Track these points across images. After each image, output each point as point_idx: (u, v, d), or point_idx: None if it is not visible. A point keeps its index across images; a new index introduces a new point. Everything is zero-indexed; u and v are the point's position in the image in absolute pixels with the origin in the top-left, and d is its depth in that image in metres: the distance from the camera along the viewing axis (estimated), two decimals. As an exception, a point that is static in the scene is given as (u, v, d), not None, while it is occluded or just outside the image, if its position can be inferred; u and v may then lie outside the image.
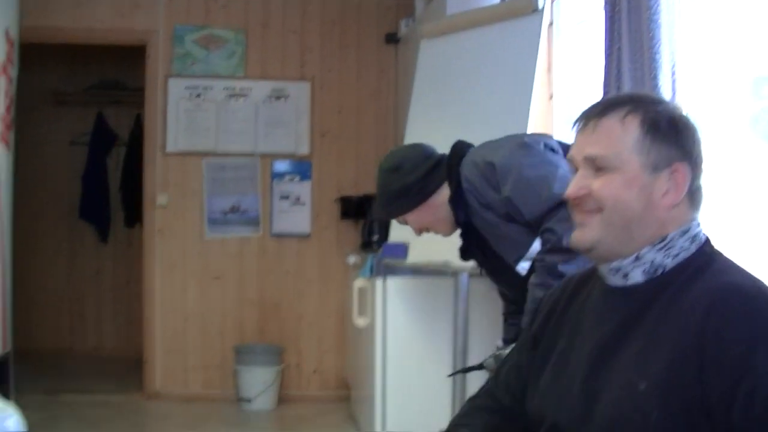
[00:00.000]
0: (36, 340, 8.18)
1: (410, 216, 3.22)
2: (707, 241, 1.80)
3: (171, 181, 6.97)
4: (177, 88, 6.95)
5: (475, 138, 4.69)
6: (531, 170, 2.91)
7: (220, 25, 7.02)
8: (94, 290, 8.71)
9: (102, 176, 8.54)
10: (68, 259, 8.66)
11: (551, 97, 4.90)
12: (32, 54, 6.46)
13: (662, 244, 1.75)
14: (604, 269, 1.84)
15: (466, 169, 3.07)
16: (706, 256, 1.76)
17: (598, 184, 1.78)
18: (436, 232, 3.28)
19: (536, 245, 2.96)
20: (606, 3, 3.56)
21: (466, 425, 2.11)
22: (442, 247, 4.70)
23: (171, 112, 6.94)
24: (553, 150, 3.05)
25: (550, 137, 3.24)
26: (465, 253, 3.35)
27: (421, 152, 3.28)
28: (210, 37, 6.99)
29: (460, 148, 3.23)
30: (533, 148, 3.02)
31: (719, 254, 1.79)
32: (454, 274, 4.84)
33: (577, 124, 1.86)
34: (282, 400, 6.77)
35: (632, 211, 1.75)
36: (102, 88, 8.53)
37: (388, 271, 5.25)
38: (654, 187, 1.75)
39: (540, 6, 4.42)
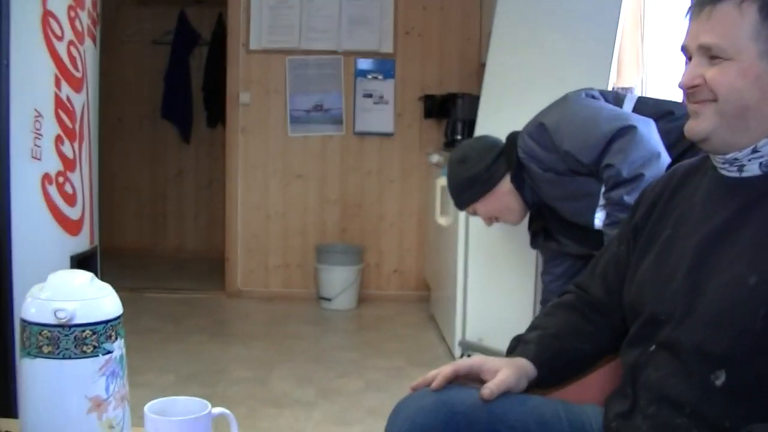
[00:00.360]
0: (119, 239, 8.31)
1: (479, 205, 3.40)
2: None
3: (254, 80, 6.93)
4: (260, -16, 6.86)
5: (564, 38, 4.61)
6: (577, 118, 3.02)
7: None
8: (176, 190, 8.76)
9: (184, 76, 8.52)
10: (150, 159, 8.70)
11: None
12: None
13: None
14: (718, 160, 1.77)
15: (521, 144, 3.19)
16: None
17: (712, 74, 1.68)
18: (506, 220, 3.46)
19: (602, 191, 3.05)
20: None
21: (541, 327, 2.06)
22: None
23: (254, 10, 6.86)
24: (593, 98, 3.17)
25: (591, 89, 3.32)
26: (535, 240, 3.57)
27: (486, 143, 3.44)
28: (295, -68, 6.87)
29: (513, 135, 3.36)
30: (574, 99, 3.13)
31: None
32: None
33: (690, 11, 1.76)
34: (362, 299, 6.78)
35: (748, 101, 1.65)
36: (185, -14, 8.46)
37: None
38: None
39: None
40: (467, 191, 3.40)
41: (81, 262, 4.57)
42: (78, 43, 4.95)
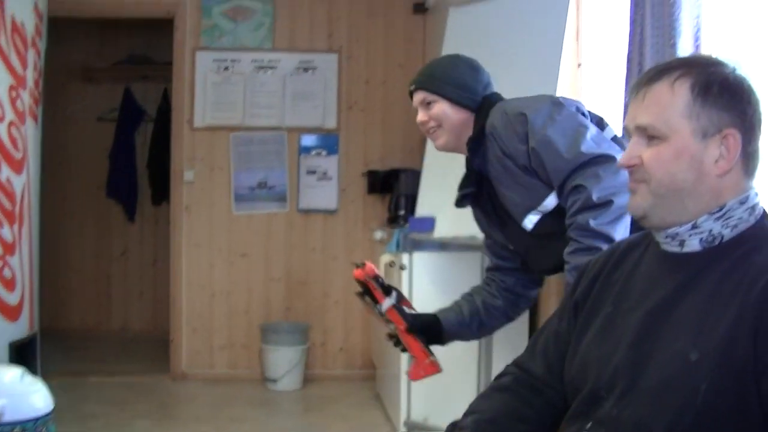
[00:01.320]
0: (63, 320, 8.19)
1: (441, 104, 3.09)
2: (765, 213, 1.74)
3: (198, 157, 6.88)
4: (205, 61, 6.86)
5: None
6: (561, 127, 2.87)
7: (248, -5, 6.91)
8: (121, 269, 8.65)
9: (129, 153, 8.46)
10: (95, 238, 8.59)
11: (579, 65, 4.79)
12: (60, 29, 6.40)
13: (720, 213, 1.69)
14: (659, 236, 1.80)
15: (494, 117, 3.00)
16: (766, 230, 1.71)
17: (648, 155, 1.73)
18: (436, 137, 3.17)
19: (550, 200, 2.90)
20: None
21: (477, 412, 2.08)
22: (469, 220, 4.59)
23: (199, 86, 6.84)
24: (584, 114, 3.02)
25: (581, 104, 3.15)
26: (462, 201, 3.28)
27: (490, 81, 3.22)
28: (238, 8, 6.88)
29: (491, 100, 3.14)
30: (566, 108, 2.96)
31: None
32: (481, 248, 4.70)
33: (629, 93, 1.87)
34: (308, 379, 6.67)
35: (681, 183, 1.70)
36: (130, 62, 8.45)
37: (414, 245, 5.18)
38: (705, 154, 1.68)
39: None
40: (448, 85, 3.10)
41: (20, 348, 4.45)
42: (19, 123, 4.90)
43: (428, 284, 5.15)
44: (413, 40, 6.99)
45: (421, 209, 5.09)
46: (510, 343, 4.55)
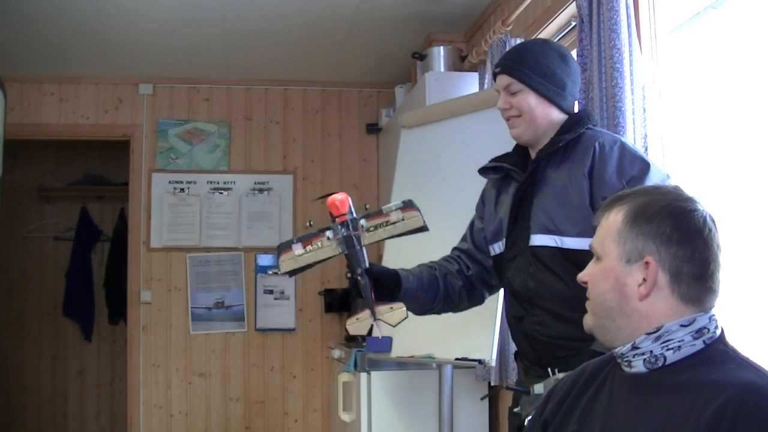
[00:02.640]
0: (18, 441, 8.04)
1: (526, 94, 2.92)
2: (721, 337, 1.77)
3: (155, 277, 6.91)
4: (161, 182, 6.95)
5: (458, 226, 4.67)
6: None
7: (203, 118, 7.05)
8: (78, 389, 8.54)
9: (86, 272, 8.44)
10: (51, 357, 8.50)
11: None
12: (17, 150, 6.45)
13: (657, 335, 1.74)
14: (615, 356, 1.86)
15: (606, 139, 2.81)
16: (719, 353, 1.74)
17: (588, 272, 1.88)
18: (514, 126, 2.97)
19: (574, 242, 2.76)
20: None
21: None
22: (425, 340, 4.64)
23: (155, 207, 6.92)
24: None
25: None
26: (493, 171, 3.13)
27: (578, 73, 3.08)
28: (193, 130, 7.00)
29: (590, 114, 3.02)
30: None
31: (735, 351, 1.77)
32: (438, 366, 4.75)
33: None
34: (268, 500, 6.62)
35: (610, 302, 1.80)
36: (87, 183, 8.48)
37: (372, 365, 5.19)
38: (628, 277, 1.78)
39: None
40: (535, 73, 2.91)
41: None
42: (-28, 248, 4.91)
43: (387, 403, 5.17)
44: (367, 160, 7.14)
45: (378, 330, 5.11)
46: None
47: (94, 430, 8.51)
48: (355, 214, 2.64)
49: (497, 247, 3.08)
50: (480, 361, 4.29)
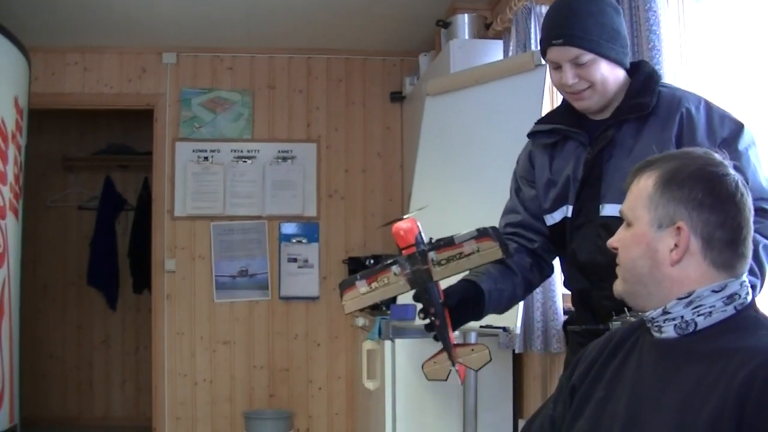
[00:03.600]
0: (44, 409, 8.11)
1: (599, 63, 2.69)
2: (752, 303, 1.78)
3: (179, 246, 6.93)
4: (184, 151, 6.95)
5: (482, 194, 4.67)
6: (760, 158, 2.63)
7: (227, 87, 7.04)
8: (103, 358, 8.62)
9: (110, 242, 8.49)
10: (76, 326, 8.58)
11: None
12: (41, 120, 6.47)
13: (688, 300, 1.74)
14: (645, 321, 1.86)
15: (689, 101, 2.65)
16: (750, 320, 1.74)
17: (619, 239, 1.88)
18: (585, 98, 2.75)
19: None
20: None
21: None
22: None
23: (179, 176, 6.93)
24: None
25: None
26: (546, 135, 2.91)
27: None
28: (217, 99, 7.00)
29: (651, 67, 2.85)
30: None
31: (766, 318, 1.76)
32: (463, 334, 4.75)
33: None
34: (293, 466, 6.65)
35: (641, 268, 1.80)
36: (110, 152, 8.52)
37: (396, 332, 5.19)
38: (660, 243, 1.78)
39: (542, 62, 4.35)
40: (600, 37, 2.68)
41: (0, 441, 4.44)
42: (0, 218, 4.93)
43: (411, 370, 5.17)
44: (391, 129, 7.12)
45: (402, 297, 5.11)
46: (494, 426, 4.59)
47: (119, 398, 8.58)
48: (424, 244, 2.26)
49: (558, 215, 2.85)
50: (504, 329, 4.29)
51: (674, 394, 1.69)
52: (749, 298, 1.77)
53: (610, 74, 2.70)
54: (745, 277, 1.78)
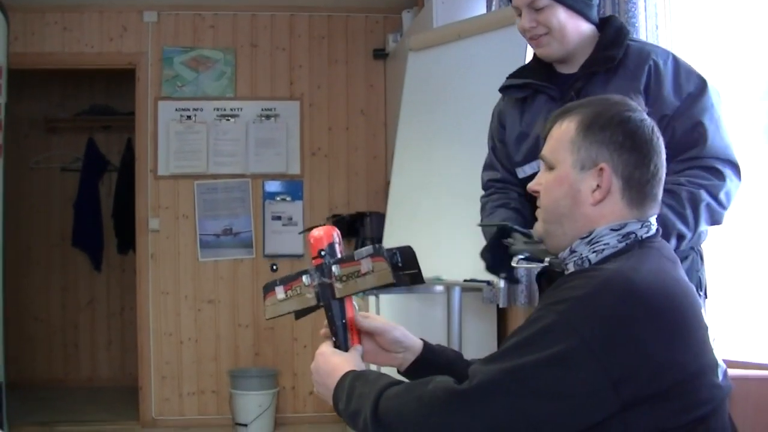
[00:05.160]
0: (29, 371, 8.12)
1: (555, 9, 2.74)
2: (644, 240, 1.84)
3: (163, 205, 6.92)
4: (167, 110, 6.93)
5: (465, 149, 4.66)
6: (722, 118, 2.66)
7: (209, 46, 7.00)
8: (88, 319, 8.62)
9: (94, 203, 8.47)
10: (61, 287, 8.57)
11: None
12: (22, 81, 6.43)
13: (589, 238, 1.83)
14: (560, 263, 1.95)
15: (657, 54, 2.72)
16: (627, 252, 1.81)
17: (542, 182, 1.93)
18: (542, 44, 2.80)
19: None
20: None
21: None
22: (433, 261, 4.65)
23: (162, 135, 6.90)
24: None
25: None
26: (518, 88, 2.96)
27: None
28: (199, 58, 6.96)
29: (619, 21, 2.86)
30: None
31: (642, 251, 1.81)
32: (447, 288, 4.77)
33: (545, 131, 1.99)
34: (278, 423, 6.69)
35: (562, 208, 1.87)
36: (92, 113, 8.47)
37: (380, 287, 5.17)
38: (582, 184, 1.84)
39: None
40: None
41: (-17, 401, 4.44)
42: (-21, 176, 4.92)
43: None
44: (374, 86, 7.10)
45: (387, 252, 5.09)
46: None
47: (105, 358, 8.59)
48: (331, 257, 2.11)
49: (529, 169, 2.87)
50: (488, 283, 4.30)
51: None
52: (644, 234, 1.84)
53: (569, 22, 2.74)
54: (652, 220, 1.86)
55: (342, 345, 2.18)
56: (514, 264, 2.55)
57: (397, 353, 2.16)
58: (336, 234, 2.13)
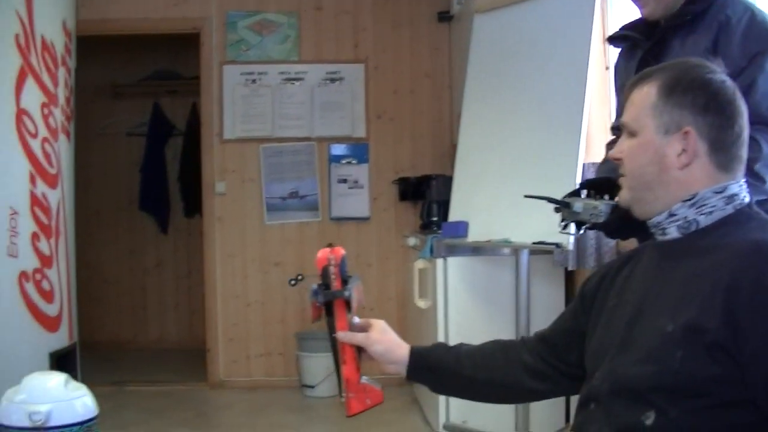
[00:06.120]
0: (99, 333, 8.26)
1: None
2: (749, 203, 1.86)
3: (229, 169, 6.98)
4: (232, 74, 6.96)
5: (535, 112, 4.65)
6: None
7: (273, 10, 7.01)
8: (156, 282, 8.75)
9: (160, 167, 8.58)
10: (129, 250, 8.71)
11: (607, 68, 4.79)
12: (88, 47, 6.48)
13: (692, 201, 1.82)
14: (650, 226, 1.93)
15: (739, 6, 2.65)
16: (744, 215, 1.83)
17: (624, 149, 1.91)
18: (647, 4, 2.78)
19: None
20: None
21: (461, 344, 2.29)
22: (502, 224, 4.65)
23: (227, 99, 6.94)
24: None
25: None
26: (622, 40, 3.00)
27: None
28: (263, 22, 6.98)
29: None
30: None
31: (759, 213, 1.87)
32: (515, 251, 4.77)
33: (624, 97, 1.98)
34: (345, 385, 6.69)
35: (649, 174, 1.86)
36: (157, 78, 8.57)
37: (448, 251, 5.20)
38: (667, 148, 1.83)
39: (595, -24, 4.32)
40: None
41: (60, 359, 4.54)
42: (52, 139, 4.98)
43: (463, 289, 5.21)
44: (439, 49, 7.07)
45: (454, 214, 5.12)
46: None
47: (173, 321, 8.72)
48: (326, 279, 2.27)
49: None
50: (557, 245, 4.29)
51: (672, 286, 1.79)
52: (747, 199, 1.85)
53: None
54: (742, 180, 1.86)
55: (334, 358, 2.27)
56: (560, 229, 2.66)
57: (388, 365, 2.30)
58: (332, 258, 2.26)
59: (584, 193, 2.62)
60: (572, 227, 2.66)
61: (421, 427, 5.68)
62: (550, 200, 2.66)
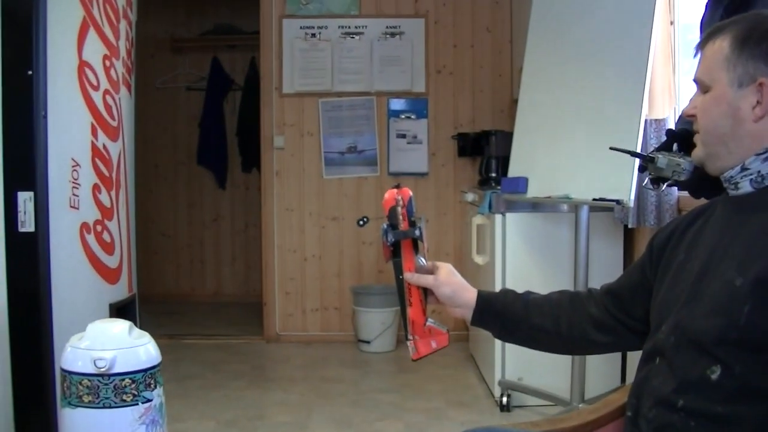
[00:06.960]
0: (157, 286, 8.36)
1: None
2: None
3: (287, 123, 6.97)
4: (291, 28, 6.94)
5: (597, 67, 4.59)
6: None
7: (333, -37, 6.97)
8: (213, 236, 8.81)
9: (219, 122, 8.60)
10: (187, 205, 8.77)
11: (672, 23, 4.71)
12: (148, 2, 6.50)
13: (766, 155, 1.77)
14: (721, 181, 1.89)
15: None
16: None
17: (697, 103, 1.87)
18: None
19: None
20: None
21: (528, 292, 2.29)
22: (562, 180, 4.61)
23: (286, 54, 6.93)
24: None
25: None
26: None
27: None
28: (323, -25, 6.95)
29: None
30: None
31: None
32: (575, 207, 4.73)
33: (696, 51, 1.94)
34: (401, 340, 6.70)
35: (723, 128, 1.81)
36: (217, 32, 8.56)
37: (506, 206, 5.17)
38: (741, 101, 1.78)
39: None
40: None
41: (120, 310, 4.58)
42: (113, 92, 4.99)
43: (521, 245, 5.18)
44: (500, 3, 6.98)
45: (514, 170, 5.09)
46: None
47: (230, 274, 8.78)
48: (393, 219, 2.29)
49: None
50: (618, 202, 4.25)
51: (743, 240, 1.75)
52: None
53: None
54: None
55: (400, 300, 2.25)
56: (643, 185, 2.65)
57: (455, 308, 2.25)
58: (400, 198, 2.26)
59: (675, 146, 2.59)
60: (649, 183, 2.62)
61: (476, 384, 5.68)
62: (635, 154, 2.67)
